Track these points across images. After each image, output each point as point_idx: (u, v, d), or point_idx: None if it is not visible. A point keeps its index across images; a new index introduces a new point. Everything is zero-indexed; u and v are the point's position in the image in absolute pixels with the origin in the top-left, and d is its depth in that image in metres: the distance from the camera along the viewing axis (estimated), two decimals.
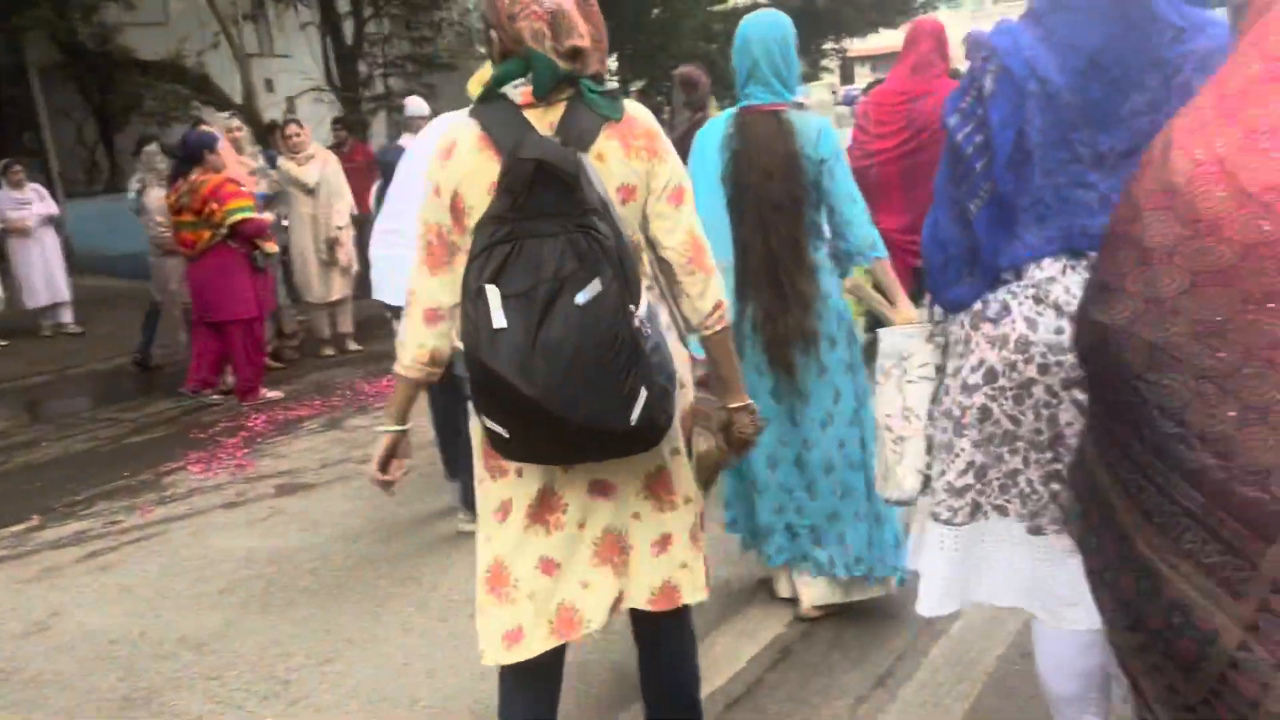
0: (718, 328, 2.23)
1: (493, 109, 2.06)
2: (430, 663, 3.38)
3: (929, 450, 2.32)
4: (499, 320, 1.86)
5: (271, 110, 13.13)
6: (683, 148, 5.06)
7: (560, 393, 1.86)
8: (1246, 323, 1.49)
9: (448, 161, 2.07)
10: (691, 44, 14.90)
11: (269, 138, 9.42)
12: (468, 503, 4.37)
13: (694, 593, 2.29)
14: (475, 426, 2.21)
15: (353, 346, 8.57)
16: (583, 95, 2.05)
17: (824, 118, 3.30)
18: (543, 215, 1.89)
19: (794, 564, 3.40)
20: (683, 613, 2.39)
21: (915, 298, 4.35)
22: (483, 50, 4.26)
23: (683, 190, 2.15)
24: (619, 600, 2.24)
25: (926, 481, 2.35)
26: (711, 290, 2.20)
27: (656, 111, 5.47)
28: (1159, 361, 1.58)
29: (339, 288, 8.29)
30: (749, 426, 2.34)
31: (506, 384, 1.86)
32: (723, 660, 3.21)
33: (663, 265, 2.19)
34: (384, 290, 4.31)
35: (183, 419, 6.96)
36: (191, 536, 4.76)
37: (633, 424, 1.94)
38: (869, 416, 3.37)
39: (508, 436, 1.97)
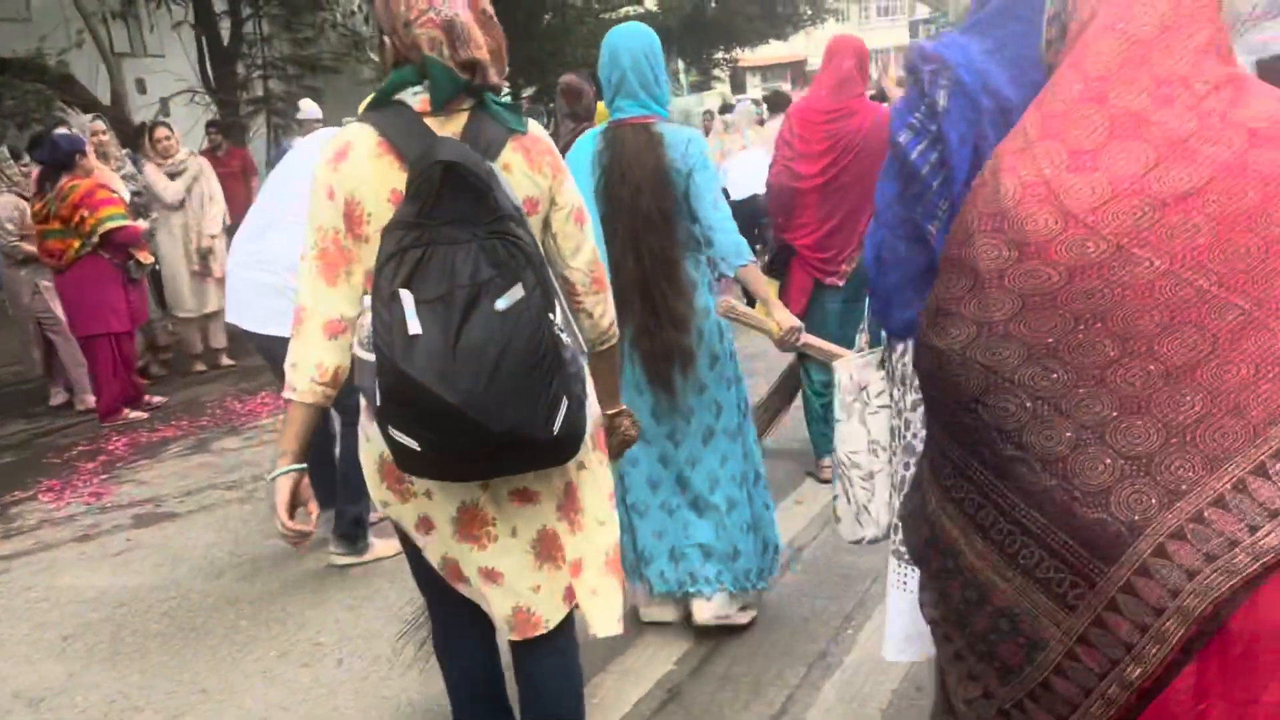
0: (612, 343, 2.30)
1: (389, 115, 1.99)
2: (292, 717, 3.12)
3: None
4: (414, 326, 1.79)
5: (144, 113, 12.55)
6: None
7: (483, 400, 1.81)
8: (1077, 343, 1.52)
9: (341, 164, 1.97)
10: (584, 51, 14.74)
11: (139, 141, 8.94)
12: (339, 534, 4.12)
13: (605, 624, 2.21)
14: (369, 450, 2.13)
15: (226, 361, 8.17)
16: (485, 106, 2.02)
17: (693, 129, 3.22)
18: (452, 222, 1.85)
19: (685, 585, 3.30)
20: (569, 650, 2.30)
21: (813, 312, 4.40)
22: (374, 57, 4.03)
23: (583, 210, 2.18)
24: (569, 591, 2.19)
25: None
26: (610, 309, 2.26)
27: (548, 118, 5.30)
28: (994, 385, 1.59)
29: (213, 300, 7.89)
30: (632, 429, 2.47)
31: (425, 391, 1.79)
32: (609, 704, 3.03)
33: (564, 284, 2.17)
34: (242, 314, 4.05)
35: (36, 442, 6.51)
36: (36, 575, 4.39)
37: (555, 434, 1.91)
38: (751, 429, 3.36)
39: (419, 450, 1.88)
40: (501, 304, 1.83)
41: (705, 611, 3.31)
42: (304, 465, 2.08)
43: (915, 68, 2.02)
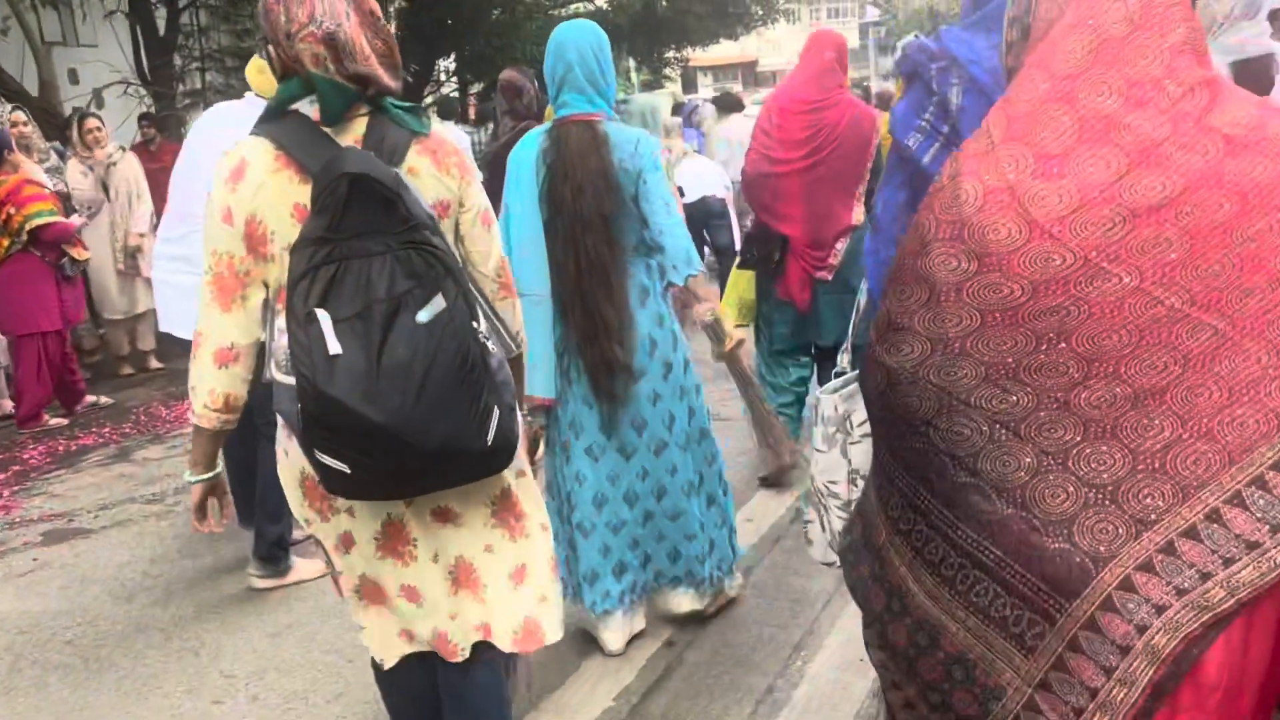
0: (520, 351, 2.28)
1: (286, 127, 1.93)
2: None
3: None
4: (334, 346, 1.74)
5: (77, 104, 12.12)
6: (501, 158, 4.69)
7: (412, 417, 1.76)
8: (1039, 364, 1.44)
9: (239, 184, 1.90)
10: (534, 48, 14.48)
11: (66, 133, 8.57)
12: (259, 556, 3.87)
13: (554, 630, 2.17)
14: (288, 466, 2.07)
15: (154, 364, 7.84)
16: (386, 110, 1.96)
17: (641, 130, 3.08)
18: (363, 234, 1.79)
19: (627, 595, 3.17)
20: (496, 665, 2.24)
21: (813, 307, 4.36)
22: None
23: (490, 213, 2.13)
24: (485, 629, 2.13)
25: None
26: (518, 314, 2.24)
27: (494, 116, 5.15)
28: (948, 407, 1.51)
29: (142, 301, 7.57)
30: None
31: (351, 413, 1.74)
32: None
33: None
34: (171, 320, 3.84)
35: None
36: None
37: (489, 444, 1.87)
38: (712, 438, 3.25)
39: (348, 472, 1.82)
40: (423, 316, 1.78)
41: (677, 606, 3.26)
42: (216, 472, 2.10)
43: (920, 66, 1.90)
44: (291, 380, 1.83)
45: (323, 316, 1.75)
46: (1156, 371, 1.42)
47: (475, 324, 1.86)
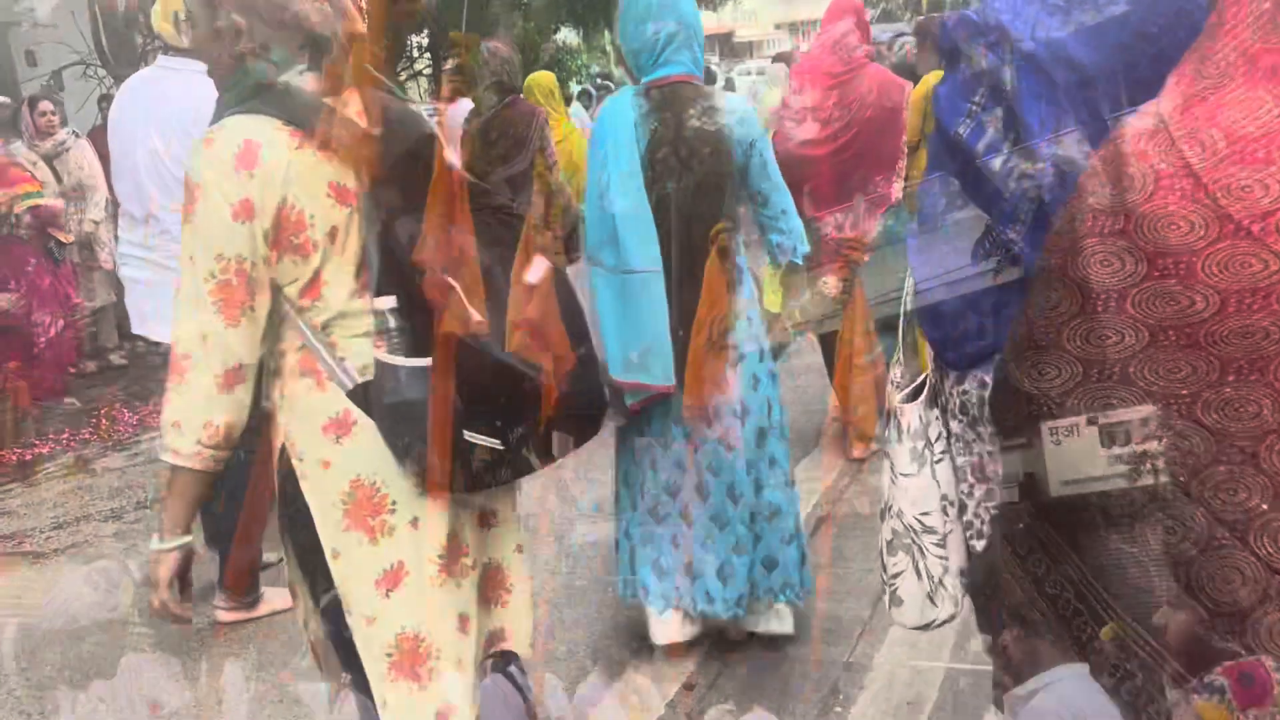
0: None
1: (288, 102, 1.71)
2: None
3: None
4: (475, 314, 1.66)
5: (35, 87, 11.70)
6: (488, 134, 4.36)
7: (569, 375, 1.74)
8: (1223, 400, 1.18)
9: (256, 170, 1.66)
10: (506, 18, 14.11)
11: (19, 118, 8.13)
12: (225, 584, 3.48)
13: None
14: (330, 479, 1.75)
15: (117, 360, 7.44)
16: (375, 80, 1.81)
17: (742, 96, 2.82)
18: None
19: (699, 604, 2.86)
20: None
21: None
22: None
23: None
24: (503, 634, 1.98)
25: None
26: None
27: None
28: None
29: (100, 293, 7.16)
30: None
31: (522, 375, 1.68)
32: None
33: None
34: (147, 322, 3.48)
35: None
36: None
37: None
38: (783, 426, 2.98)
39: (500, 448, 1.71)
40: (530, 278, 1.73)
41: (779, 624, 2.99)
42: (190, 538, 1.76)
43: (967, 39, 1.61)
44: (416, 361, 1.66)
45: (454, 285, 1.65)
46: None
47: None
